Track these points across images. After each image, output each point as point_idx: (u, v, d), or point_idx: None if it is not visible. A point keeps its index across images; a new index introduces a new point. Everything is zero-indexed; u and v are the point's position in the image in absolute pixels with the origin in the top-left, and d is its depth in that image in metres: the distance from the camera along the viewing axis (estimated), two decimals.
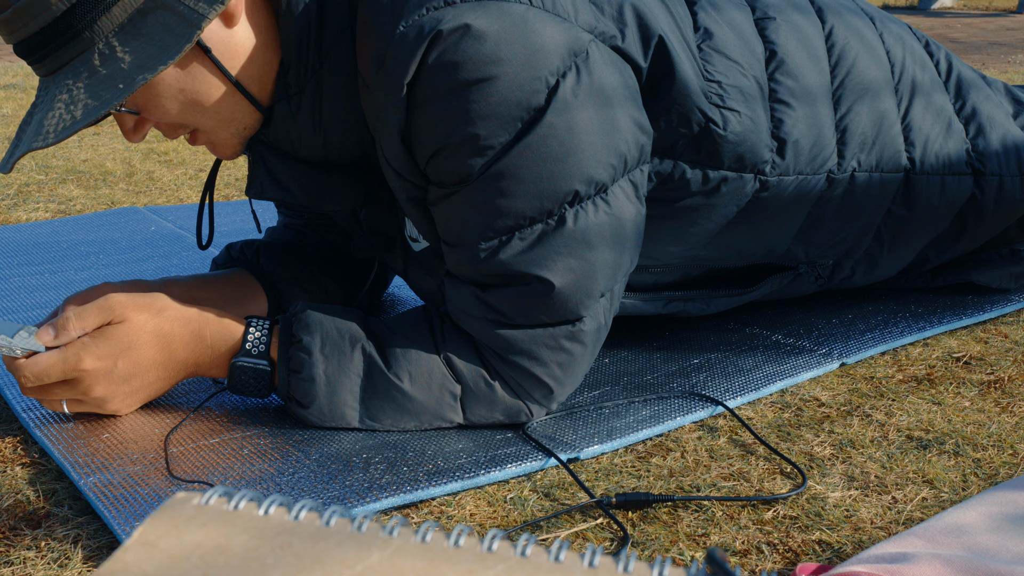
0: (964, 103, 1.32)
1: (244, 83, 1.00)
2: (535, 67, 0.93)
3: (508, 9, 0.93)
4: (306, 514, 0.46)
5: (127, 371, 1.01)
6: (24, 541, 0.85)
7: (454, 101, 0.92)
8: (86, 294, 1.06)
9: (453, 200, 0.97)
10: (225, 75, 0.98)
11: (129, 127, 1.01)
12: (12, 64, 4.56)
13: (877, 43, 1.27)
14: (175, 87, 0.97)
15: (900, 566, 0.76)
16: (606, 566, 0.43)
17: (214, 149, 1.06)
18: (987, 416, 1.08)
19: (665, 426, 1.05)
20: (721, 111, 1.09)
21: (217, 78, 0.98)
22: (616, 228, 0.99)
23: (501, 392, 1.01)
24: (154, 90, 0.97)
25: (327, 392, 1.00)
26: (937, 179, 1.27)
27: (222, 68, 0.97)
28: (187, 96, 0.98)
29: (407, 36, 0.92)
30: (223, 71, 0.98)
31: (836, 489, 0.93)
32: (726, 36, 1.13)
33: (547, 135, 0.94)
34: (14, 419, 1.08)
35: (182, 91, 0.98)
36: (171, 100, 0.98)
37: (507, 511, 0.90)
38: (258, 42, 1.00)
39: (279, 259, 1.27)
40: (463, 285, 1.00)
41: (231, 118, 1.02)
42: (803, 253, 1.27)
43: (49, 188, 2.25)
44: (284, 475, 0.93)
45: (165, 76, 0.96)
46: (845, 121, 1.20)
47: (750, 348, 1.25)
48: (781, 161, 1.15)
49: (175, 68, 0.96)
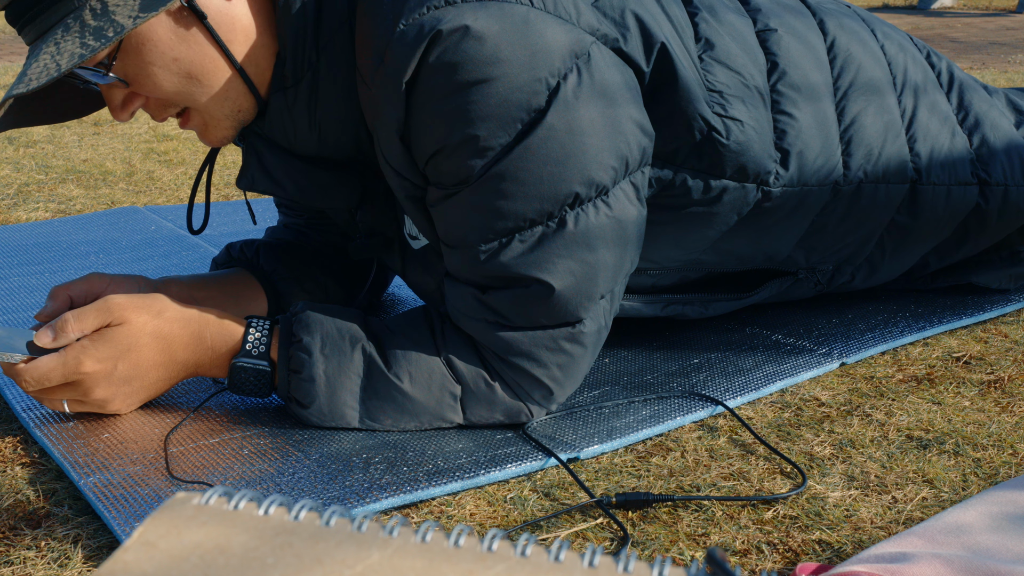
0: (967, 111, 1.32)
1: (243, 65, 0.99)
2: (536, 68, 0.93)
3: (509, 10, 0.93)
4: (306, 514, 0.46)
5: (127, 373, 1.01)
6: (24, 541, 0.85)
7: (454, 102, 0.92)
8: (74, 284, 1.06)
9: (453, 201, 0.97)
10: (220, 47, 0.97)
11: (117, 103, 0.99)
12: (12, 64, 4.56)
13: (878, 50, 1.26)
14: (168, 55, 0.95)
15: (900, 566, 0.76)
16: (606, 566, 0.43)
17: (205, 132, 1.04)
18: (987, 416, 1.08)
19: (665, 426, 1.05)
20: (723, 120, 1.08)
21: (213, 50, 0.97)
22: (617, 230, 0.99)
23: (501, 393, 1.01)
24: (146, 57, 0.95)
25: (327, 392, 1.00)
26: (943, 189, 1.26)
27: (217, 37, 0.96)
28: (180, 67, 0.96)
29: (407, 35, 0.92)
30: (218, 41, 0.96)
31: (836, 489, 0.93)
32: (727, 46, 1.13)
33: (548, 137, 0.94)
34: (14, 419, 1.08)
35: (176, 60, 0.96)
36: (163, 70, 0.96)
37: (507, 511, 0.90)
38: (258, 27, 0.99)
39: (279, 259, 1.27)
40: (463, 286, 1.00)
41: (225, 95, 1.00)
42: (804, 259, 1.26)
43: (49, 188, 2.25)
44: (284, 475, 0.93)
45: (158, 42, 0.95)
46: (850, 132, 1.20)
47: (750, 348, 1.25)
48: (785, 172, 1.14)
49: (169, 33, 0.95)
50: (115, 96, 0.99)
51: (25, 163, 2.50)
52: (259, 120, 1.05)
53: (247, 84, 1.00)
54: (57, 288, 1.06)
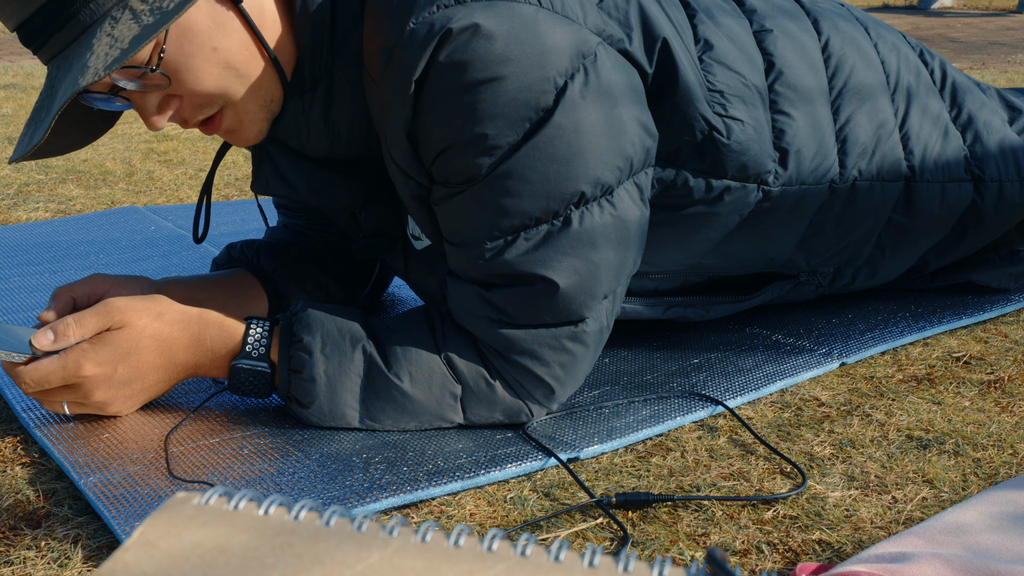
0: (960, 110, 1.32)
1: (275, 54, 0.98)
2: (544, 68, 0.93)
3: (518, 10, 0.93)
4: (306, 514, 0.46)
5: (127, 375, 1.01)
6: (24, 541, 0.85)
7: (462, 100, 0.92)
8: (77, 286, 1.06)
9: (459, 199, 0.97)
10: (256, 34, 0.95)
11: (152, 109, 0.96)
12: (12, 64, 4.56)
13: (872, 51, 1.27)
14: (208, 45, 0.93)
15: (900, 566, 0.76)
16: (606, 566, 0.43)
17: (239, 130, 1.01)
18: (987, 416, 1.08)
19: (665, 426, 1.05)
20: (724, 120, 1.09)
21: (250, 38, 0.96)
22: (620, 230, 0.99)
23: (502, 392, 1.01)
24: (187, 48, 0.93)
25: (327, 392, 1.00)
26: (937, 186, 1.27)
27: (252, 23, 0.95)
28: (220, 56, 0.94)
29: (417, 33, 0.92)
30: (253, 28, 0.95)
31: (836, 489, 0.93)
32: (726, 47, 1.13)
33: (554, 136, 0.94)
34: (14, 419, 1.08)
35: (215, 50, 0.94)
36: (205, 61, 0.94)
37: (507, 511, 0.90)
38: (283, 25, 0.98)
39: (280, 259, 1.27)
40: (466, 284, 1.00)
41: (260, 85, 0.98)
42: (804, 262, 1.27)
43: (49, 188, 2.25)
44: (284, 475, 0.93)
45: (199, 32, 0.93)
46: (845, 131, 1.20)
47: (750, 348, 1.25)
48: (783, 171, 1.14)
49: (208, 21, 0.93)
50: (150, 102, 0.96)
51: (25, 163, 2.50)
52: (273, 124, 1.04)
53: (279, 74, 0.99)
54: (60, 289, 1.06)
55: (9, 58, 4.87)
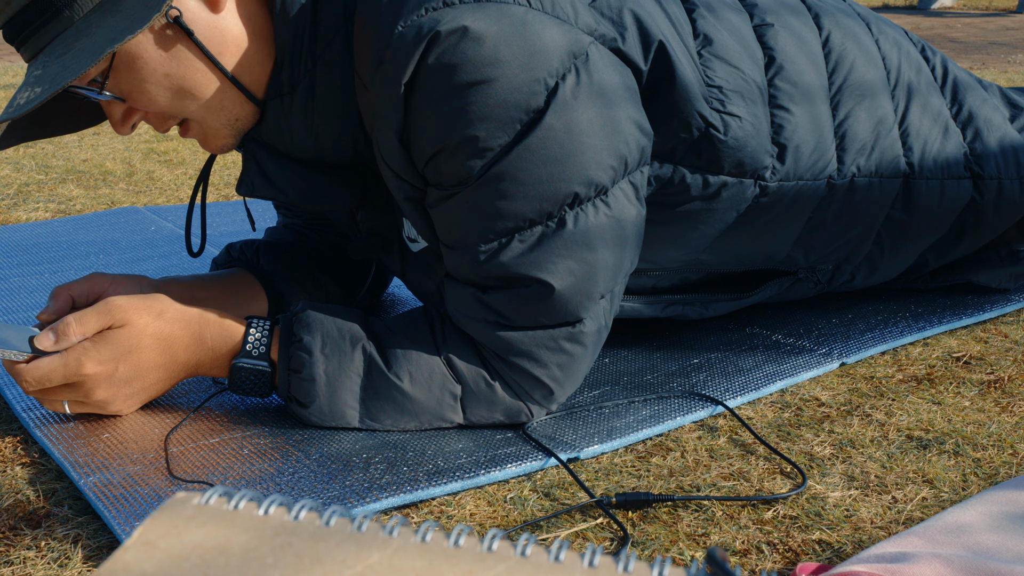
0: (961, 107, 1.32)
1: (236, 74, 1.00)
2: (534, 69, 0.93)
3: (507, 11, 0.93)
4: (306, 514, 0.46)
5: (128, 374, 1.01)
6: (24, 541, 0.85)
7: (453, 103, 0.92)
8: (76, 285, 1.06)
9: (452, 202, 0.97)
10: (210, 59, 0.97)
11: (117, 117, 1.01)
12: (12, 64, 4.56)
13: (873, 47, 1.27)
14: (159, 71, 0.97)
15: (900, 566, 0.76)
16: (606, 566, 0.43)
17: (204, 141, 1.05)
18: (987, 416, 1.08)
19: (665, 426, 1.05)
20: (722, 116, 1.09)
21: (203, 63, 0.98)
22: (616, 230, 0.99)
23: (501, 393, 1.01)
24: (138, 74, 0.96)
25: (327, 392, 1.00)
26: (936, 183, 1.27)
27: (205, 51, 0.97)
28: (173, 82, 0.98)
29: (406, 36, 0.92)
30: (207, 54, 0.97)
31: (836, 489, 0.93)
32: (726, 42, 1.13)
33: (546, 137, 0.94)
34: (14, 419, 1.08)
35: (167, 76, 0.97)
36: (156, 86, 0.97)
37: (507, 511, 0.90)
38: (250, 35, 0.99)
39: (279, 259, 1.27)
40: (463, 287, 1.00)
41: (220, 106, 1.01)
42: (803, 258, 1.27)
43: (49, 188, 2.25)
44: (284, 475, 0.93)
45: (148, 60, 0.96)
46: (844, 126, 1.20)
47: (750, 348, 1.25)
48: (781, 167, 1.14)
49: (159, 51, 0.96)
50: (115, 111, 1.01)
51: (25, 163, 2.50)
52: (257, 126, 1.05)
53: (243, 92, 1.01)
54: (59, 288, 1.06)
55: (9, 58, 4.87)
